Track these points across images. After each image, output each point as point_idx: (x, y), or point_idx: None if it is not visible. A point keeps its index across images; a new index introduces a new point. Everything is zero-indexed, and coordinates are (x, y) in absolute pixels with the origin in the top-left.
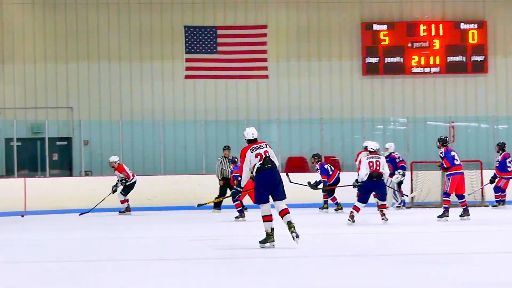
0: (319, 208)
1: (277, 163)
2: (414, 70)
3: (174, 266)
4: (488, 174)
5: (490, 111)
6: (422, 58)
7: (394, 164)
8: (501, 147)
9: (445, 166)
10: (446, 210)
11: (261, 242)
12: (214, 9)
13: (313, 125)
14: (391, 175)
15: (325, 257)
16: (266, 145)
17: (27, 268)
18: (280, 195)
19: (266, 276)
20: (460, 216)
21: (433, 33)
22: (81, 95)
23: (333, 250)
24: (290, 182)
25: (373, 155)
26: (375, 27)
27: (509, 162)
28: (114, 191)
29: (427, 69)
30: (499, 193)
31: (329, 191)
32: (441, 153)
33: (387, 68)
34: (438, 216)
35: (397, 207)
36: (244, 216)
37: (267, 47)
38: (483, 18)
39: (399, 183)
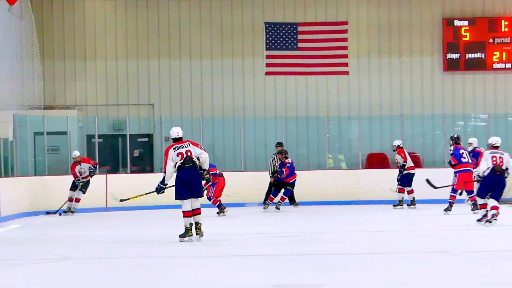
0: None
1: (204, 159)
2: (495, 66)
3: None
4: None
5: None
6: (504, 53)
7: (478, 158)
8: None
9: (453, 163)
10: (450, 205)
11: (180, 236)
12: (294, 6)
13: (394, 121)
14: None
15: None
16: (189, 145)
17: (107, 263)
18: (195, 193)
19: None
20: (472, 210)
21: None
22: (162, 92)
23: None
24: (435, 187)
25: (497, 151)
26: (456, 22)
27: None
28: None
29: (508, 65)
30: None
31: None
32: (450, 150)
33: (468, 64)
34: (444, 210)
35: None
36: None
37: (348, 43)
38: None
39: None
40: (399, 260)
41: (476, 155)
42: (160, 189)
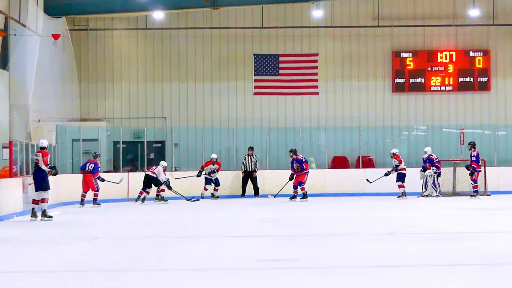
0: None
1: (41, 165)
2: (433, 88)
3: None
4: (491, 170)
5: (492, 121)
6: (439, 79)
7: (432, 163)
8: (473, 145)
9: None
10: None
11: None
12: (277, 41)
13: (353, 131)
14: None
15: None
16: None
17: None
18: (36, 187)
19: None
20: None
21: (448, 59)
22: (173, 108)
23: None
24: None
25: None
26: (403, 54)
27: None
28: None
29: (443, 88)
30: (476, 184)
31: None
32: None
33: (411, 87)
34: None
35: (436, 195)
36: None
37: (318, 70)
38: (487, 47)
39: (438, 176)
40: (357, 239)
41: (430, 161)
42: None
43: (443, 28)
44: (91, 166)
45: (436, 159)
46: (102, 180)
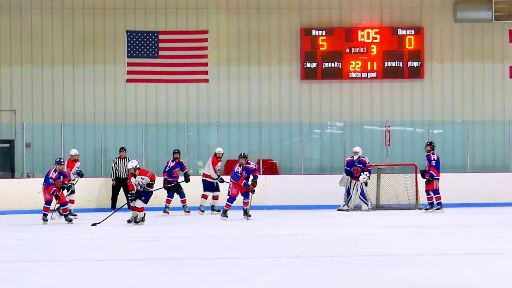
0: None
1: None
2: (352, 75)
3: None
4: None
5: (425, 116)
6: (360, 63)
7: (364, 166)
8: (433, 146)
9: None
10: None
11: None
12: (156, 15)
13: (252, 128)
14: (358, 177)
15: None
16: None
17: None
18: None
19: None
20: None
21: (370, 39)
22: (25, 98)
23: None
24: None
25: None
26: (314, 32)
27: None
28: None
29: (364, 74)
30: (438, 195)
31: None
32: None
33: (325, 73)
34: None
35: (367, 209)
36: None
37: (208, 51)
38: (420, 24)
39: (366, 184)
40: (253, 265)
41: (362, 163)
42: None
43: None
44: None
45: (368, 162)
46: None
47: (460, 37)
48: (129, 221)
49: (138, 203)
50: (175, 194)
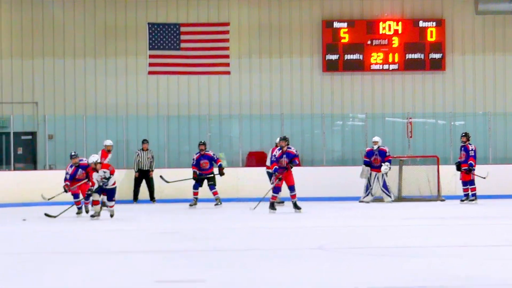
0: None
1: None
2: (373, 67)
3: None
4: (446, 169)
5: (447, 108)
6: (381, 55)
7: (384, 157)
8: (469, 137)
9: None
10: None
11: None
12: (177, 7)
13: (274, 120)
14: (378, 167)
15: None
16: None
17: None
18: None
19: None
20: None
21: (392, 31)
22: (47, 91)
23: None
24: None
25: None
26: (336, 24)
27: None
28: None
29: (386, 66)
30: (473, 186)
31: None
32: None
33: (346, 65)
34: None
35: (391, 201)
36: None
37: (229, 44)
38: (442, 16)
39: (386, 175)
40: (277, 256)
41: (382, 153)
42: None
43: None
44: None
45: (388, 152)
46: None
47: (481, 29)
48: (92, 216)
49: (96, 196)
50: (206, 186)
